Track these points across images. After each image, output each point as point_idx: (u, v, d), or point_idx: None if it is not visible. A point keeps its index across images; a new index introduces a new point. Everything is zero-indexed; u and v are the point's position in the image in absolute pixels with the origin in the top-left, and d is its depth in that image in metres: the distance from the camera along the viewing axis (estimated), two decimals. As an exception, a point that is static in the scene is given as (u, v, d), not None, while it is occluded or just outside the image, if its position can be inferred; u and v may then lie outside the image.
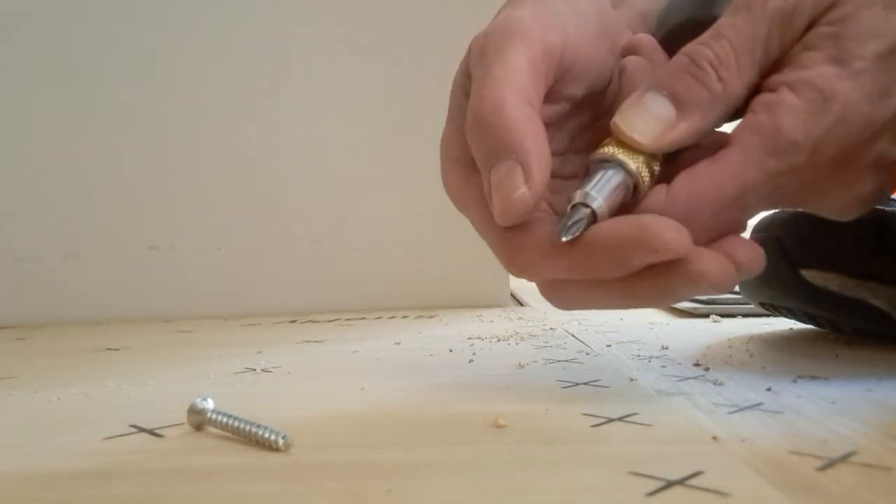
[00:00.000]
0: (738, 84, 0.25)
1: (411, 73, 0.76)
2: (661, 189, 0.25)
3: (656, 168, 0.26)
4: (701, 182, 0.24)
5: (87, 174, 0.77)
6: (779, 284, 0.41)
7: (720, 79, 0.25)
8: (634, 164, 0.25)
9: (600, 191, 0.24)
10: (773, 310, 0.44)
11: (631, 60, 0.30)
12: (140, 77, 0.77)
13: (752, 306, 0.49)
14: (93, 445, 0.25)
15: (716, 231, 0.25)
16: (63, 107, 0.77)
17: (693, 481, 0.19)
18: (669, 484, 0.19)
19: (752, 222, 0.44)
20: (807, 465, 0.20)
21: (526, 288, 0.91)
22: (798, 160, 0.24)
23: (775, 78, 0.25)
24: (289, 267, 0.77)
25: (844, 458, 0.20)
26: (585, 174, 0.26)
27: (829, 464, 0.20)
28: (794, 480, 0.19)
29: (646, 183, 0.25)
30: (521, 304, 0.77)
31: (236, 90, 0.77)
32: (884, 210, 0.40)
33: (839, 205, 0.26)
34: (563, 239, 0.24)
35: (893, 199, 0.42)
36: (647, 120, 0.25)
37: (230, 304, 0.76)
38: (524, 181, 0.24)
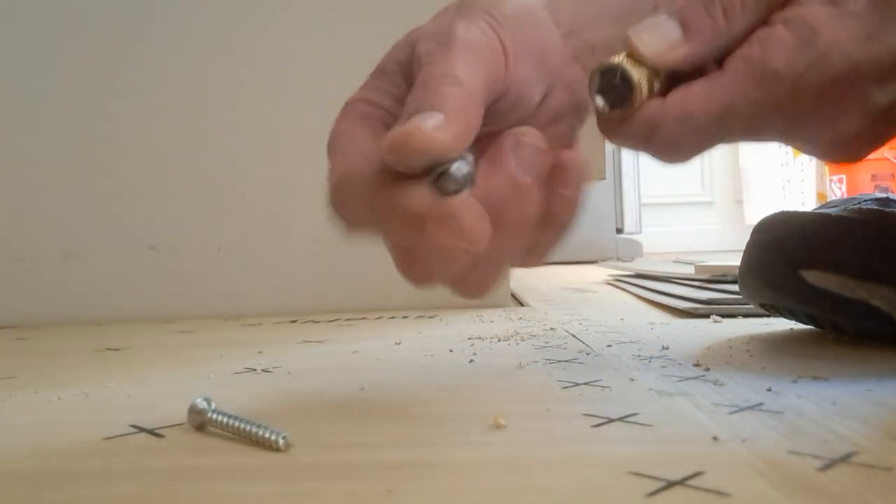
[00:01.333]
0: (741, 21, 0.27)
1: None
2: (658, 100, 0.27)
3: (656, 85, 0.28)
4: (692, 95, 0.27)
5: (87, 174, 0.77)
6: (779, 285, 0.41)
7: (726, 14, 0.27)
8: (637, 74, 0.27)
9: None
10: (774, 311, 0.44)
11: None
12: (140, 77, 0.77)
13: (752, 307, 0.49)
14: (93, 445, 0.25)
15: (700, 146, 0.27)
16: (63, 107, 0.76)
17: (693, 481, 0.19)
18: (670, 484, 0.19)
19: (752, 223, 0.44)
20: (807, 465, 0.20)
21: (526, 288, 0.91)
22: (779, 90, 0.26)
23: (776, 15, 0.27)
24: (289, 267, 0.77)
25: (844, 459, 0.20)
26: (589, 82, 0.28)
27: (830, 464, 0.20)
28: (794, 480, 0.19)
29: (643, 95, 0.27)
30: (521, 304, 0.77)
31: (236, 90, 0.77)
32: (884, 210, 0.40)
33: (822, 141, 0.28)
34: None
35: (893, 200, 0.42)
36: (655, 36, 0.27)
37: (230, 304, 0.76)
38: (433, 125, 0.24)
